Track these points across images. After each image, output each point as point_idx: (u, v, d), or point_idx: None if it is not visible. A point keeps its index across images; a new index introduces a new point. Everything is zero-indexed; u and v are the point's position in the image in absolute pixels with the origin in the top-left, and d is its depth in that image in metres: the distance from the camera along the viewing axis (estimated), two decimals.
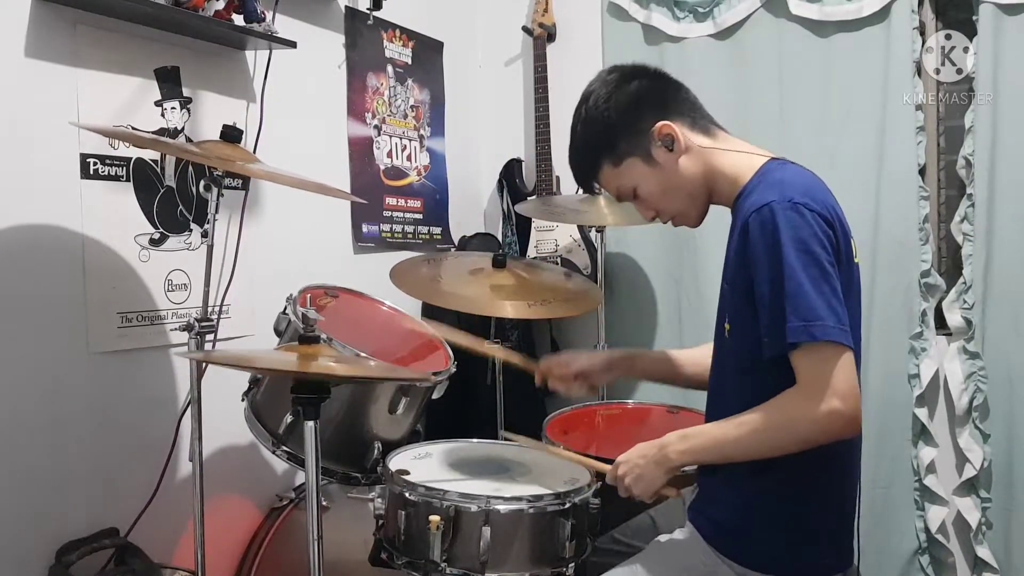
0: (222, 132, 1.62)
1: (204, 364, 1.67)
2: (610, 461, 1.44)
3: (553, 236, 2.88)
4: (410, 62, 2.77)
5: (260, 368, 1.61)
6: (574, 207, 2.55)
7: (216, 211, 1.65)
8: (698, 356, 1.67)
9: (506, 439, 1.75)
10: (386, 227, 2.64)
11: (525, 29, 2.98)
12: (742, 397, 1.32)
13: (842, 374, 1.19)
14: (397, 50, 2.72)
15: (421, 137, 2.83)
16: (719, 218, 1.49)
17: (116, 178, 1.82)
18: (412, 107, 2.79)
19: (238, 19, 1.95)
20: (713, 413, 1.45)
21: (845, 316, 1.21)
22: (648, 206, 1.46)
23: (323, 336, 1.50)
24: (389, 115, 2.67)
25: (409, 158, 2.77)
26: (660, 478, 1.35)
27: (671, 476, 1.35)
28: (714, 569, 1.34)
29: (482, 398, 2.40)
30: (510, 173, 3.00)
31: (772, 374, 1.25)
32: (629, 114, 1.39)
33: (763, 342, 1.25)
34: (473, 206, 3.14)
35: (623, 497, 1.40)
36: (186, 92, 1.97)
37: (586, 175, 1.48)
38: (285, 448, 1.68)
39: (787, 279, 1.20)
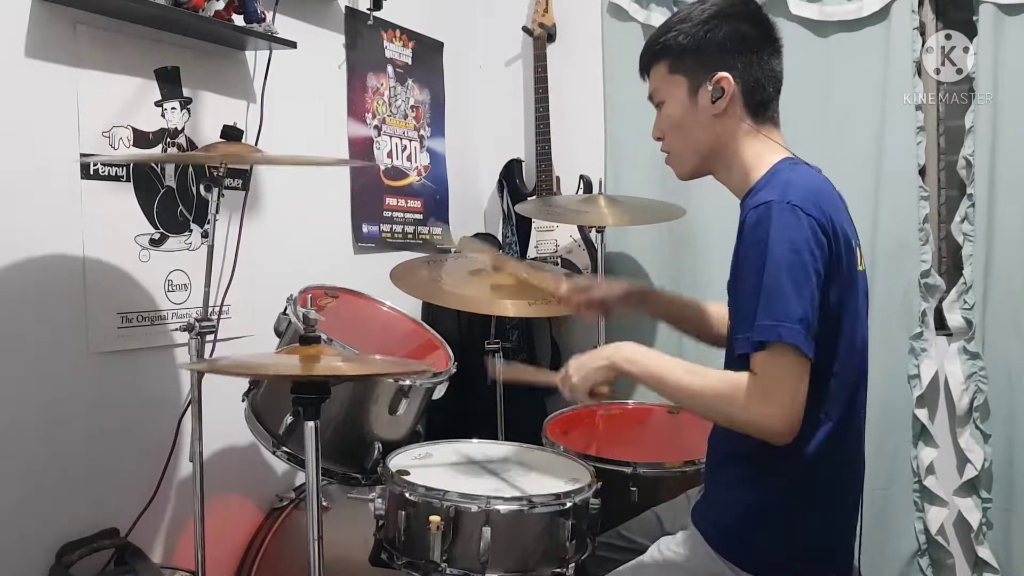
0: (222, 132, 1.62)
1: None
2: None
3: (553, 236, 2.88)
4: (410, 62, 2.77)
5: (260, 374, 1.61)
6: (574, 207, 2.55)
7: (216, 211, 1.65)
8: (711, 310, 1.66)
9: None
10: (386, 227, 2.64)
11: (525, 29, 2.98)
12: None
13: (792, 384, 1.19)
14: (397, 50, 2.72)
15: (421, 137, 2.83)
16: (718, 218, 1.50)
17: (116, 178, 1.82)
18: (412, 107, 2.79)
19: (238, 19, 1.95)
20: None
21: (812, 325, 1.19)
22: (660, 126, 1.46)
23: (323, 336, 1.50)
24: (389, 115, 2.67)
25: (409, 158, 2.77)
26: (600, 372, 1.38)
27: (610, 375, 1.38)
28: (716, 572, 1.33)
29: (482, 398, 2.40)
30: (510, 173, 3.00)
31: None
32: (714, 45, 1.37)
33: (736, 337, 1.24)
34: (473, 206, 3.14)
35: (565, 394, 1.42)
36: (186, 92, 1.97)
37: (646, 58, 1.46)
38: (285, 448, 1.69)
39: (767, 276, 1.19)
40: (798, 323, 1.17)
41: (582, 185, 2.83)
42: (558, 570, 1.45)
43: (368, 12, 2.53)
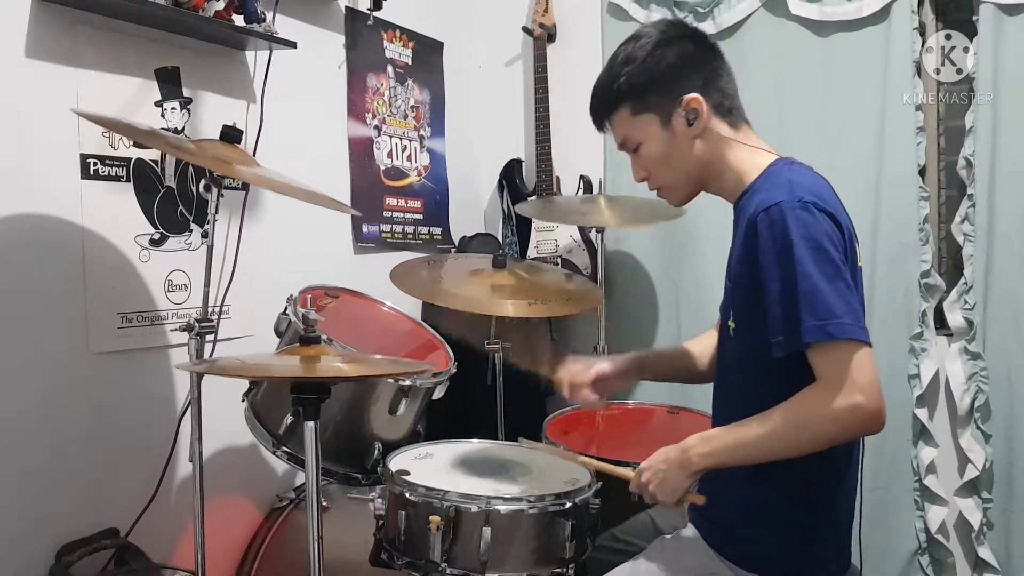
0: (222, 132, 1.62)
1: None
2: (628, 464, 1.40)
3: (553, 236, 2.88)
4: (410, 62, 2.77)
5: (260, 376, 1.61)
6: (574, 207, 2.56)
7: (216, 211, 1.65)
8: (699, 350, 1.67)
9: (528, 445, 1.72)
10: (386, 227, 2.64)
11: (525, 29, 2.98)
12: (745, 395, 1.32)
13: (861, 369, 1.17)
14: (397, 50, 2.72)
15: (421, 137, 2.83)
16: (717, 218, 1.49)
17: (116, 178, 1.82)
18: (412, 107, 2.79)
19: (238, 19, 1.95)
20: (718, 411, 1.45)
21: (861, 312, 1.21)
22: (643, 166, 1.45)
23: (323, 336, 1.50)
24: (389, 115, 2.67)
25: (409, 158, 2.77)
26: (684, 482, 1.31)
27: (694, 479, 1.32)
28: (715, 571, 1.33)
29: (482, 398, 2.40)
30: (510, 173, 3.00)
31: (776, 372, 1.25)
32: (670, 72, 1.37)
33: (773, 342, 1.23)
34: (473, 206, 3.14)
35: (650, 503, 1.36)
36: (186, 92, 1.97)
37: (602, 111, 1.45)
38: (285, 449, 1.68)
39: (800, 278, 1.19)
40: (844, 316, 1.17)
41: (582, 185, 2.83)
42: (558, 570, 1.45)
43: (368, 12, 2.53)
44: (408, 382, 1.72)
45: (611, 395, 1.41)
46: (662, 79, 1.37)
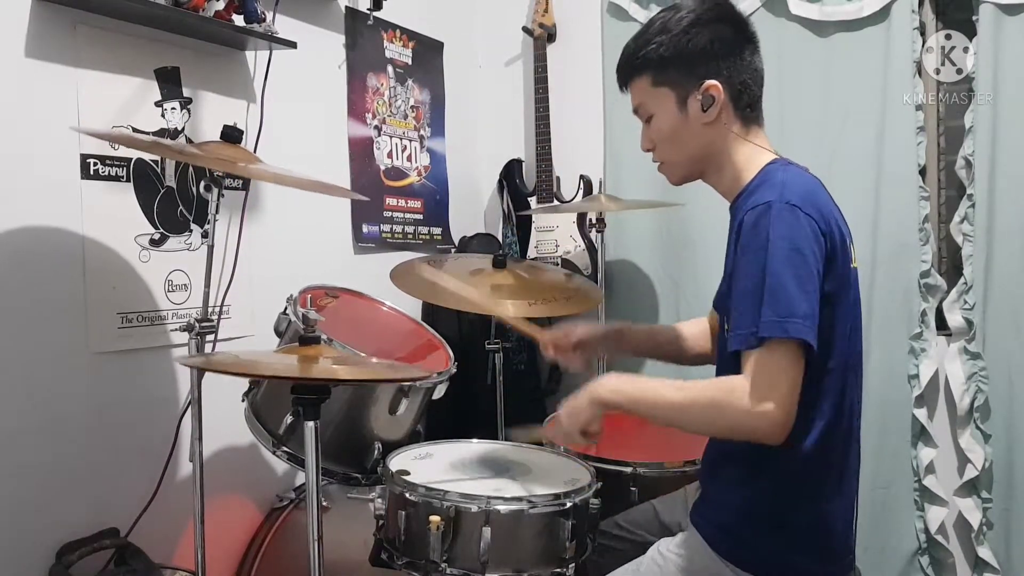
0: (222, 132, 1.62)
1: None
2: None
3: (553, 236, 2.88)
4: (410, 62, 2.77)
5: (260, 374, 1.61)
6: (574, 207, 2.55)
7: (216, 211, 1.65)
8: (690, 334, 1.68)
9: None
10: (386, 227, 2.64)
11: (525, 29, 2.98)
12: None
13: (790, 380, 1.18)
14: (397, 50, 2.72)
15: (421, 137, 2.83)
16: (717, 219, 1.49)
17: (116, 178, 1.82)
18: (412, 107, 2.79)
19: (238, 19, 1.95)
20: None
21: (817, 320, 1.19)
22: (650, 139, 1.45)
23: (323, 337, 1.50)
24: (389, 115, 2.67)
25: (409, 158, 2.77)
26: (588, 411, 1.35)
27: (597, 411, 1.35)
28: (716, 572, 1.33)
29: (482, 398, 2.40)
30: (510, 173, 3.00)
31: None
32: (698, 54, 1.36)
33: (730, 335, 1.24)
34: (473, 206, 3.14)
35: (558, 439, 1.41)
36: (186, 92, 1.97)
37: (625, 72, 1.45)
38: (285, 448, 1.69)
39: (769, 274, 1.19)
40: (804, 318, 1.17)
41: (582, 185, 2.83)
42: (558, 570, 1.45)
43: (368, 12, 2.53)
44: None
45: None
46: (688, 58, 1.36)
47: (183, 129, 1.97)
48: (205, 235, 1.66)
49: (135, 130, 1.85)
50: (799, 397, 1.19)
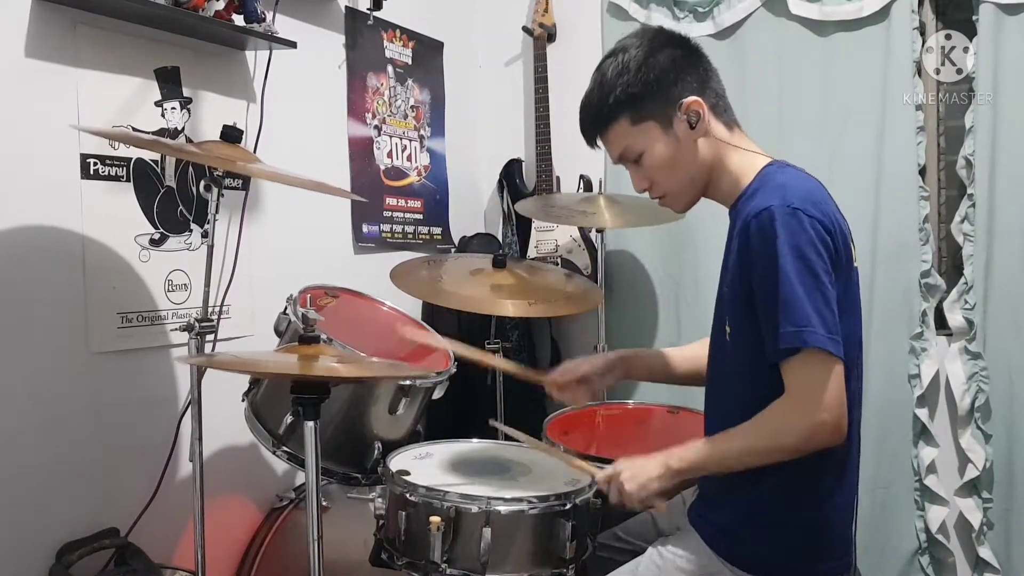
0: (222, 132, 1.62)
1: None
2: (608, 462, 1.44)
3: (553, 236, 2.88)
4: (410, 62, 2.77)
5: (260, 372, 1.61)
6: (574, 207, 2.55)
7: (216, 211, 1.65)
8: (690, 353, 1.68)
9: (505, 436, 1.73)
10: (386, 227, 2.64)
11: (525, 29, 2.98)
12: (742, 400, 1.32)
13: (830, 386, 1.21)
14: (397, 50, 2.72)
15: (421, 137, 2.83)
16: (718, 219, 1.49)
17: (116, 178, 1.82)
18: (412, 107, 2.78)
19: (238, 19, 1.95)
20: (713, 417, 1.45)
21: (836, 326, 1.22)
22: (645, 176, 1.44)
23: (323, 336, 1.50)
24: (389, 115, 2.67)
25: (409, 158, 2.77)
26: (658, 481, 1.34)
27: (667, 484, 1.34)
28: (714, 571, 1.34)
29: (482, 398, 2.40)
30: (510, 173, 3.00)
31: (772, 377, 1.25)
32: (665, 78, 1.37)
33: (768, 351, 1.26)
34: (473, 206, 3.14)
35: (612, 502, 1.40)
36: (186, 92, 1.97)
37: (597, 125, 1.44)
38: (285, 448, 1.68)
39: (781, 284, 1.21)
40: (819, 326, 1.19)
41: (582, 185, 2.83)
42: (558, 571, 1.45)
43: (368, 12, 2.53)
44: (408, 382, 1.72)
45: (610, 394, 1.42)
46: (659, 86, 1.37)
47: (183, 129, 1.97)
48: (205, 235, 1.66)
49: (135, 130, 1.85)
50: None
